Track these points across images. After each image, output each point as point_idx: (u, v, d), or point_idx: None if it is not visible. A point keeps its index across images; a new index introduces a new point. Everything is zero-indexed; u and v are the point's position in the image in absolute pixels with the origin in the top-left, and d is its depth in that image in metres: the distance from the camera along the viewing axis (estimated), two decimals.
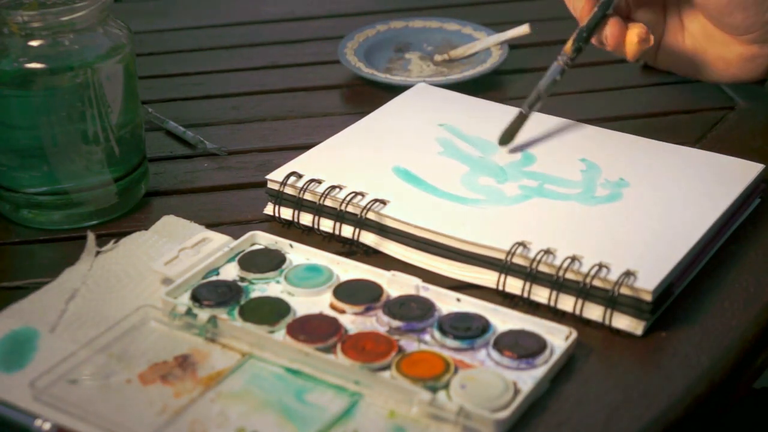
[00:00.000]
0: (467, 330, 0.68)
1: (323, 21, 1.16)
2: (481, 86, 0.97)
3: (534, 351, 0.66)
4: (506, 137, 0.84)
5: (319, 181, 0.79)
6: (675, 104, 0.95)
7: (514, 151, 0.84)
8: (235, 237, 0.76)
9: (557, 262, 0.70)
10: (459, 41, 1.06)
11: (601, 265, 0.69)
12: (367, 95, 0.99)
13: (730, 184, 0.78)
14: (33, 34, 0.76)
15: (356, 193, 0.77)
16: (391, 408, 0.63)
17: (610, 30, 0.84)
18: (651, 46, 0.84)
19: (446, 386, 0.64)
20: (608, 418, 0.63)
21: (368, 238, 0.77)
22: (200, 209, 0.83)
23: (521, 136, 0.85)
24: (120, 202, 0.82)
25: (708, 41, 0.87)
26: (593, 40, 0.86)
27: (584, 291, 0.69)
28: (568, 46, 0.85)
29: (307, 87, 1.02)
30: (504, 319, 0.69)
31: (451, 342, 0.67)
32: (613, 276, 0.69)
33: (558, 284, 0.70)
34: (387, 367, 0.65)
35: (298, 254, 0.75)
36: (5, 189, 0.81)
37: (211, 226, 0.79)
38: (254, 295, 0.72)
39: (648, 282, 0.68)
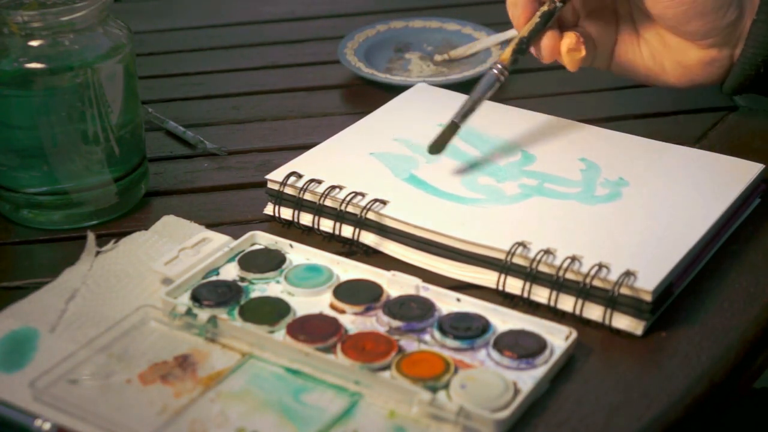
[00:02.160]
0: (467, 330, 0.68)
1: (323, 21, 1.16)
2: None
3: (534, 351, 0.66)
4: (437, 147, 0.81)
5: (319, 181, 0.79)
6: (675, 104, 0.95)
7: (514, 151, 0.84)
8: (235, 237, 0.76)
9: (557, 262, 0.70)
10: (459, 41, 1.06)
11: (601, 265, 0.69)
12: (367, 95, 0.99)
13: (730, 184, 0.78)
14: (33, 34, 0.76)
15: (356, 193, 0.77)
16: (391, 408, 0.63)
17: (545, 42, 0.84)
18: (583, 56, 0.83)
19: (446, 386, 0.64)
20: (608, 418, 0.63)
21: (368, 238, 0.77)
22: (200, 209, 0.83)
23: (522, 136, 0.85)
24: (120, 202, 0.82)
25: (665, 48, 0.86)
26: (532, 50, 0.85)
27: (584, 291, 0.69)
28: (506, 55, 0.84)
29: (307, 87, 1.02)
30: (504, 319, 0.69)
31: (451, 342, 0.67)
32: (613, 276, 0.69)
33: (558, 284, 0.70)
34: (387, 367, 0.65)
35: (298, 254, 0.75)
36: (5, 189, 0.81)
37: (211, 226, 0.79)
38: (254, 295, 0.72)
39: (648, 282, 0.68)
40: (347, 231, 0.77)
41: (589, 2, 0.86)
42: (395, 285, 0.72)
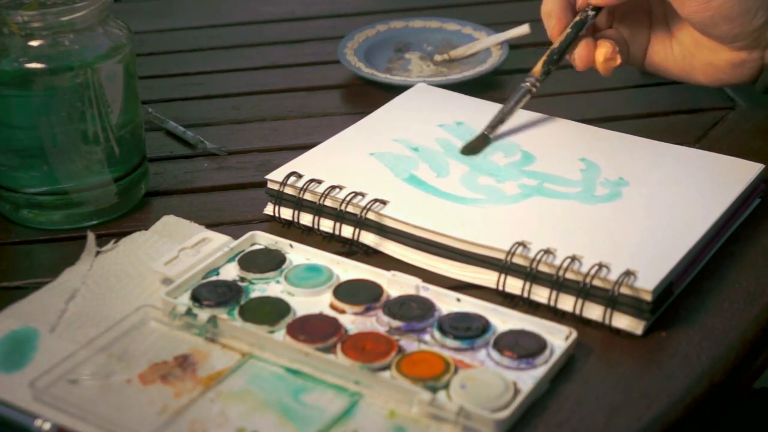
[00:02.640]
0: (467, 330, 0.68)
1: (323, 21, 1.16)
2: (481, 86, 0.97)
3: (534, 351, 0.66)
4: (468, 152, 0.83)
5: (319, 181, 0.79)
6: (675, 104, 0.95)
7: (514, 151, 0.84)
8: (235, 237, 0.76)
9: (557, 262, 0.70)
10: (459, 41, 1.06)
11: (601, 265, 0.69)
12: (367, 95, 0.99)
13: (730, 184, 0.78)
14: (33, 34, 0.76)
15: (356, 193, 0.77)
16: (391, 408, 0.63)
17: (579, 52, 0.85)
18: (618, 64, 0.85)
19: (446, 386, 0.64)
20: (608, 418, 0.63)
21: (368, 238, 0.77)
22: (200, 209, 0.83)
23: (522, 136, 0.85)
24: (120, 202, 0.82)
25: (696, 48, 0.87)
26: (567, 57, 0.86)
27: (584, 291, 0.69)
28: (538, 68, 0.85)
29: (307, 87, 1.02)
30: (504, 319, 0.69)
31: (451, 342, 0.67)
32: (613, 276, 0.69)
33: (558, 284, 0.70)
34: (387, 367, 0.65)
35: (298, 254, 0.75)
36: (5, 189, 0.81)
37: (211, 226, 0.79)
38: (254, 295, 0.72)
39: (648, 282, 0.68)
40: (347, 231, 0.77)
41: (624, 4, 0.87)
42: (395, 285, 0.72)
